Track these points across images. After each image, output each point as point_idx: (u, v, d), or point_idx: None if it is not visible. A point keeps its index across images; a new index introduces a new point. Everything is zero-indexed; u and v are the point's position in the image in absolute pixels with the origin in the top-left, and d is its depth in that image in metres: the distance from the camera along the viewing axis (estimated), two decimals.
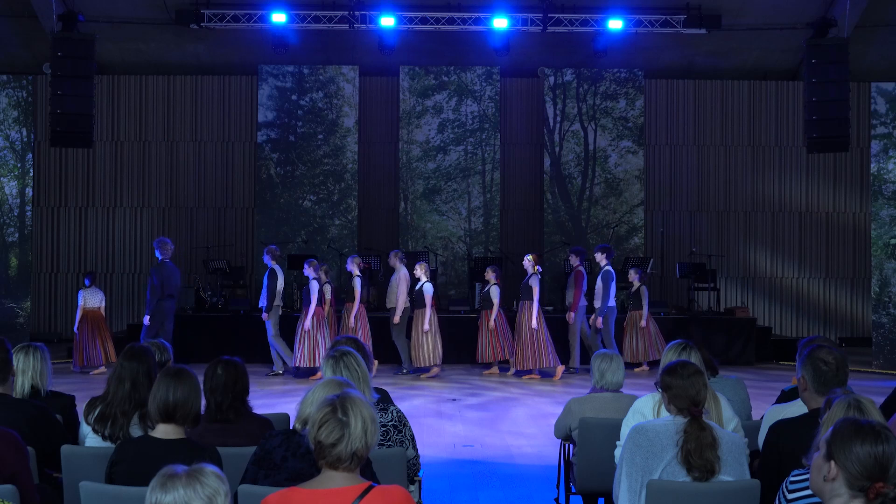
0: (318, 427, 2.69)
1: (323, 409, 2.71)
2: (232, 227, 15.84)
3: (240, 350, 10.95)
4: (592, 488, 5.05)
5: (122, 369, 4.14)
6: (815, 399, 3.85)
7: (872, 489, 2.40)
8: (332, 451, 2.68)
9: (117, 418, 4.06)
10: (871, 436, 2.44)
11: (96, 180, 15.72)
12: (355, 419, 2.69)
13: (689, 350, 4.46)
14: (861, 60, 15.03)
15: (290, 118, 15.56)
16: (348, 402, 2.73)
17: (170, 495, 2.34)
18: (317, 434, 2.69)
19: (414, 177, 15.58)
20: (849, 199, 16.23)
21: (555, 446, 5.98)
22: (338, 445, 2.67)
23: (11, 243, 13.24)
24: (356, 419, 2.70)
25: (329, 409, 2.70)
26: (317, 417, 2.71)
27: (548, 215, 15.56)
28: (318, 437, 2.69)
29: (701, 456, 3.45)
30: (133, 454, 3.52)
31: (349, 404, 2.72)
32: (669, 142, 16.12)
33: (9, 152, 13.35)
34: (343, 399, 2.73)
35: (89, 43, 12.83)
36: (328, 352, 4.19)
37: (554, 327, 11.95)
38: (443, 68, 15.62)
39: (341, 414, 2.69)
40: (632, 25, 14.44)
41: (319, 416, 2.70)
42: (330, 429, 2.68)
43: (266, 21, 14.25)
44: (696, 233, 16.01)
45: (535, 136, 15.91)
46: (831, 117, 13.01)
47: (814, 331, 15.88)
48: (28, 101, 13.69)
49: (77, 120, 12.64)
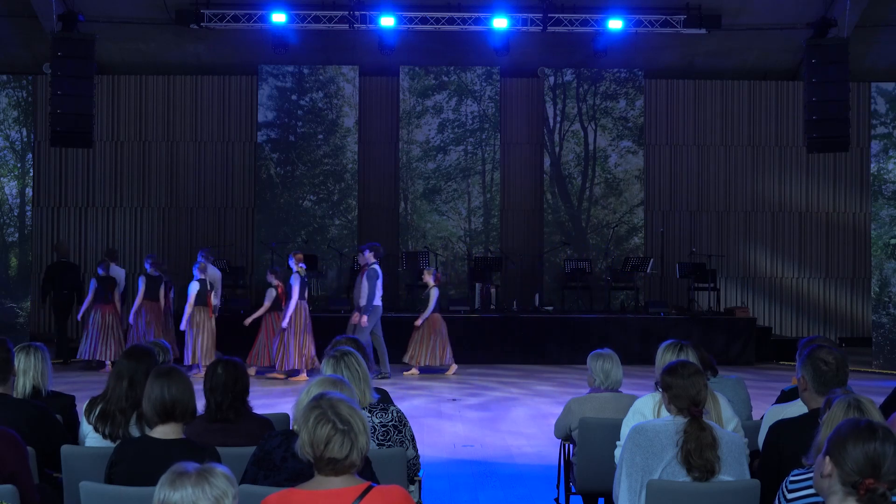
0: (324, 446, 2.65)
1: (322, 427, 2.66)
2: (232, 227, 15.83)
3: (240, 350, 10.97)
4: (592, 488, 5.05)
5: (121, 367, 4.14)
6: (815, 399, 3.85)
7: (863, 486, 2.43)
8: (345, 461, 2.66)
9: (116, 416, 4.06)
10: (868, 434, 2.47)
11: (96, 180, 15.72)
12: (354, 422, 2.69)
13: (686, 349, 4.45)
14: (861, 60, 15.03)
15: (290, 118, 15.56)
16: (339, 409, 2.69)
17: (178, 493, 2.33)
18: (325, 452, 2.65)
19: (414, 177, 15.58)
20: (849, 199, 16.23)
21: (555, 446, 5.98)
22: (350, 455, 2.66)
23: (11, 243, 13.24)
24: (354, 421, 2.69)
25: (329, 426, 2.66)
26: (320, 437, 2.65)
27: (548, 215, 15.56)
28: (328, 454, 2.65)
29: (701, 456, 3.46)
30: (132, 454, 3.52)
31: (342, 411, 2.69)
32: (669, 142, 16.12)
33: (9, 152, 13.35)
34: (334, 409, 2.69)
35: (89, 43, 12.82)
36: (328, 351, 4.19)
37: (554, 327, 11.97)
38: (443, 68, 15.62)
39: (342, 424, 2.66)
40: (632, 25, 14.43)
41: (323, 434, 2.65)
42: (339, 443, 2.65)
43: (266, 21, 14.25)
44: (696, 233, 16.01)
45: (535, 136, 15.91)
46: (831, 117, 13.00)
47: (814, 331, 15.87)
48: (28, 101, 13.69)
49: (77, 120, 12.62)
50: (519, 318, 13.57)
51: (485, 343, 13.25)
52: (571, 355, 12.73)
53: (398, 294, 15.29)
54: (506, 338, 13.31)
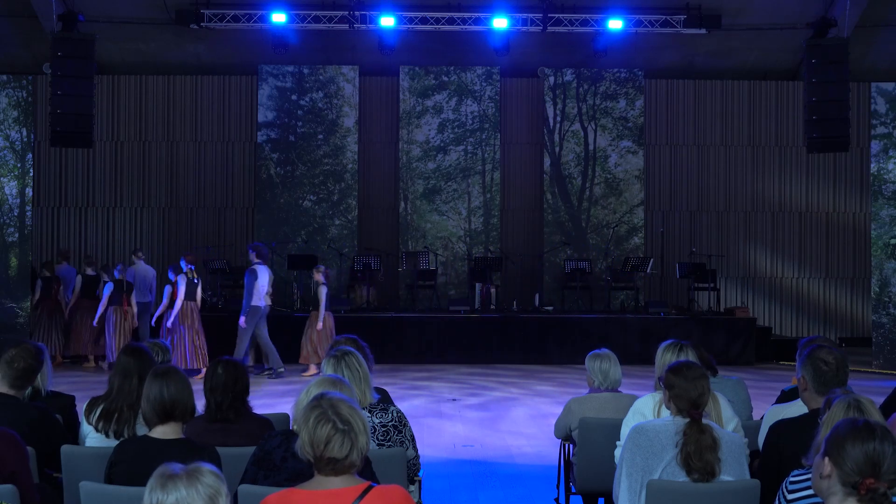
0: (323, 445, 2.65)
1: (322, 427, 2.66)
2: (232, 227, 15.83)
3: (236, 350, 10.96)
4: (592, 488, 5.05)
5: (129, 364, 4.13)
6: (815, 399, 3.85)
7: (863, 485, 2.42)
8: (345, 461, 2.66)
9: (123, 412, 4.05)
10: (866, 434, 2.46)
11: (96, 180, 15.72)
12: (354, 422, 2.68)
13: (686, 349, 4.43)
14: (861, 60, 15.03)
15: (290, 118, 15.56)
16: (340, 409, 2.69)
17: (172, 495, 2.30)
18: (325, 452, 2.65)
19: (414, 177, 15.58)
20: (849, 199, 16.23)
21: (555, 446, 5.98)
22: (350, 455, 2.66)
23: (11, 243, 13.23)
24: (355, 421, 2.69)
25: (329, 425, 2.65)
26: (320, 437, 2.65)
27: (548, 215, 15.56)
28: (328, 454, 2.65)
29: (701, 458, 3.45)
30: (132, 454, 3.52)
31: (342, 411, 2.68)
32: (669, 142, 16.12)
33: (9, 152, 13.34)
34: (334, 409, 2.69)
35: (89, 43, 12.82)
36: (329, 351, 4.19)
37: (554, 327, 11.96)
38: (443, 68, 15.62)
39: (342, 424, 2.66)
40: (632, 25, 14.44)
41: (323, 434, 2.65)
42: (339, 443, 2.65)
43: (266, 21, 14.25)
44: (696, 233, 16.01)
45: (535, 136, 15.91)
46: (831, 117, 13.00)
47: (814, 331, 15.88)
48: (28, 101, 13.68)
49: (77, 120, 12.63)
50: (519, 318, 13.57)
51: (485, 343, 13.24)
52: (571, 355, 12.72)
53: (398, 294, 15.30)
54: (506, 338, 13.31)
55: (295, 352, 12.13)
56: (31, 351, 4.25)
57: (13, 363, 4.18)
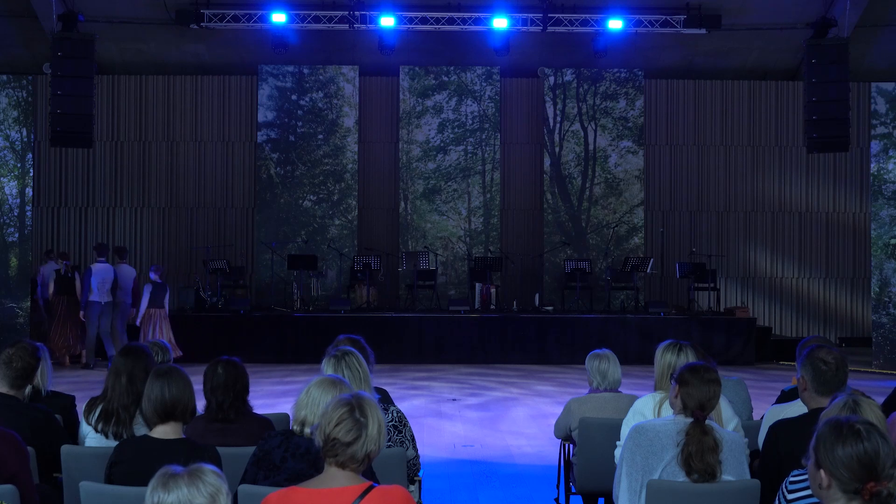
0: (334, 424, 2.69)
1: (340, 408, 2.71)
2: (232, 227, 15.83)
3: (240, 350, 10.98)
4: (592, 488, 5.05)
5: (118, 364, 4.13)
6: (814, 399, 3.85)
7: (865, 491, 2.38)
8: (346, 449, 2.68)
9: (119, 414, 4.06)
10: (851, 436, 2.40)
11: (96, 180, 15.72)
12: (372, 421, 2.72)
13: (685, 350, 4.43)
14: (861, 60, 15.03)
15: (290, 118, 15.56)
16: (365, 403, 2.75)
17: (173, 495, 2.32)
18: (332, 431, 2.68)
19: (414, 177, 15.58)
20: (849, 199, 16.23)
21: (555, 446, 5.98)
22: (353, 445, 2.68)
23: (11, 243, 13.23)
24: (373, 421, 2.72)
25: (346, 408, 2.71)
26: (333, 415, 2.70)
27: (548, 215, 15.56)
28: (333, 433, 2.68)
29: (702, 460, 3.44)
30: (132, 454, 3.52)
31: (366, 406, 2.74)
32: (669, 142, 16.12)
33: (9, 152, 13.34)
34: (359, 400, 2.75)
35: (89, 43, 12.82)
36: (329, 351, 4.17)
37: (554, 327, 11.95)
38: (443, 68, 15.62)
39: (359, 414, 2.71)
40: (632, 25, 14.44)
41: (336, 413, 2.70)
42: (348, 427, 2.68)
43: (266, 21, 14.25)
44: (696, 233, 16.01)
45: (535, 136, 15.91)
46: (831, 117, 13.01)
47: (814, 331, 15.87)
48: (28, 101, 13.67)
49: (77, 120, 12.63)
50: (519, 318, 13.57)
51: (485, 343, 13.24)
52: (571, 355, 12.72)
53: (398, 294, 15.30)
54: (506, 338, 13.30)
55: (295, 352, 12.13)
56: (28, 350, 4.26)
57: (11, 363, 4.18)
